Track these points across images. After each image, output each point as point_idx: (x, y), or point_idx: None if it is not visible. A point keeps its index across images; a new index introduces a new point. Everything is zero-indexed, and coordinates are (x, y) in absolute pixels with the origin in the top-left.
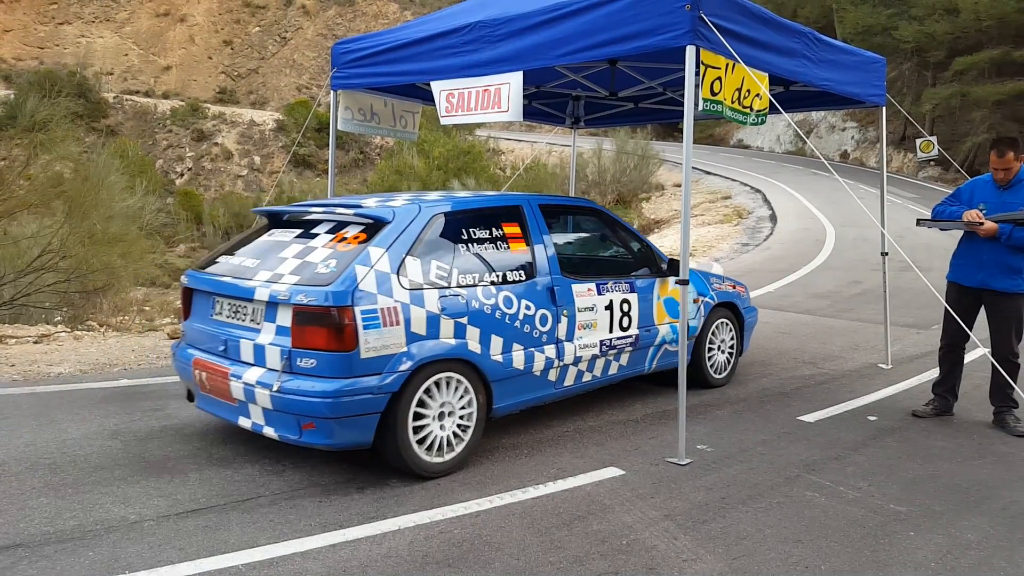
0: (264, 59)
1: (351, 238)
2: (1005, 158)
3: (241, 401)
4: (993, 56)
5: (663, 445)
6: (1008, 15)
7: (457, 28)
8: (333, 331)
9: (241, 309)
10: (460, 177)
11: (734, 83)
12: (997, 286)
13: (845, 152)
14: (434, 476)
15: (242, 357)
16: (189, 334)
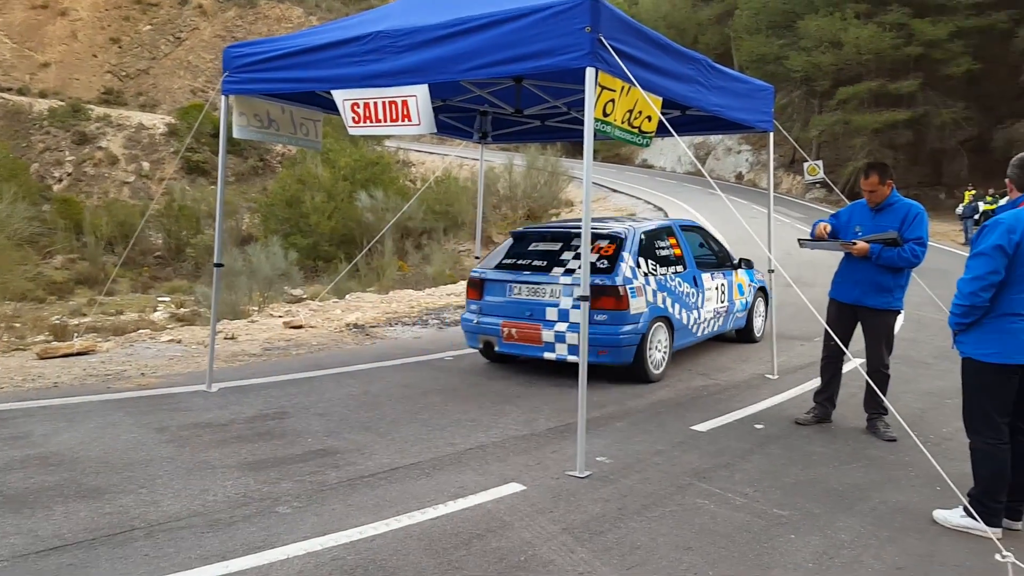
0: (156, 59)
1: (607, 248)
2: (869, 180)
3: (548, 343)
4: (872, 87)
5: (565, 459)
6: (884, 50)
7: (358, 37)
8: (616, 299)
9: (540, 290)
10: (368, 189)
11: (626, 105)
12: (870, 303)
13: (740, 174)
14: (654, 382)
15: (547, 317)
16: (486, 308)
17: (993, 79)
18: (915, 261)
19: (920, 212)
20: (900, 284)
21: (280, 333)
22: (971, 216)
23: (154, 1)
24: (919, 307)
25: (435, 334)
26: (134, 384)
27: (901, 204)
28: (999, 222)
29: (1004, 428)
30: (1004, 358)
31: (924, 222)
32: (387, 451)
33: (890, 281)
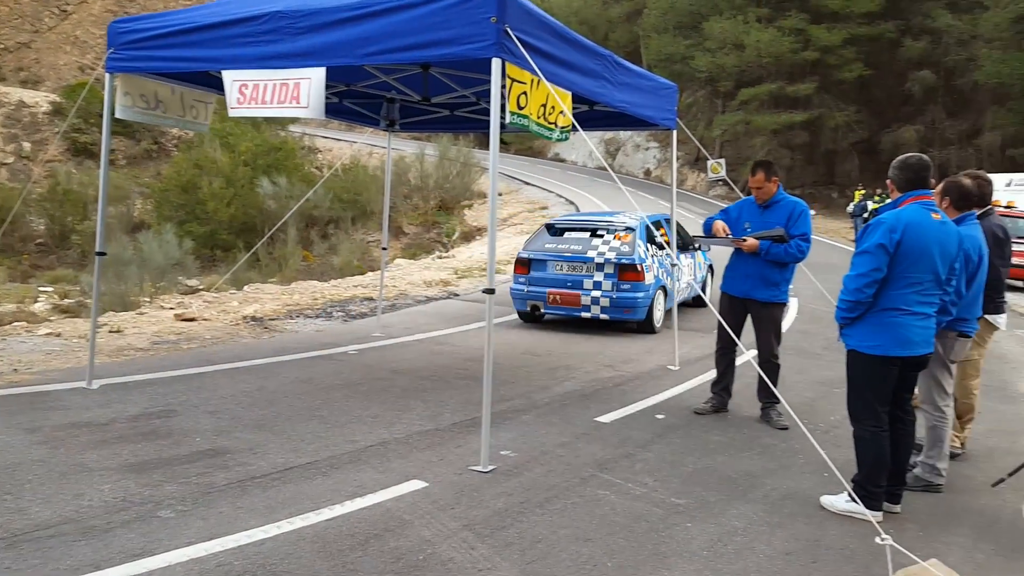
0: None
1: (624, 235)
2: (756, 177)
3: (585, 305)
4: (771, 89)
5: (469, 453)
6: (784, 54)
7: (255, 16)
8: (636, 273)
9: (578, 267)
10: (270, 175)
11: (539, 99)
12: (758, 296)
13: (648, 170)
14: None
15: (584, 287)
16: (532, 281)
17: (881, 85)
18: (800, 256)
19: (804, 209)
20: (786, 278)
21: (171, 326)
22: (861, 214)
23: None
24: (812, 300)
25: (339, 327)
26: (5, 381)
27: (787, 201)
28: (881, 222)
29: (884, 416)
30: (886, 350)
31: (808, 219)
32: (281, 450)
33: (777, 275)
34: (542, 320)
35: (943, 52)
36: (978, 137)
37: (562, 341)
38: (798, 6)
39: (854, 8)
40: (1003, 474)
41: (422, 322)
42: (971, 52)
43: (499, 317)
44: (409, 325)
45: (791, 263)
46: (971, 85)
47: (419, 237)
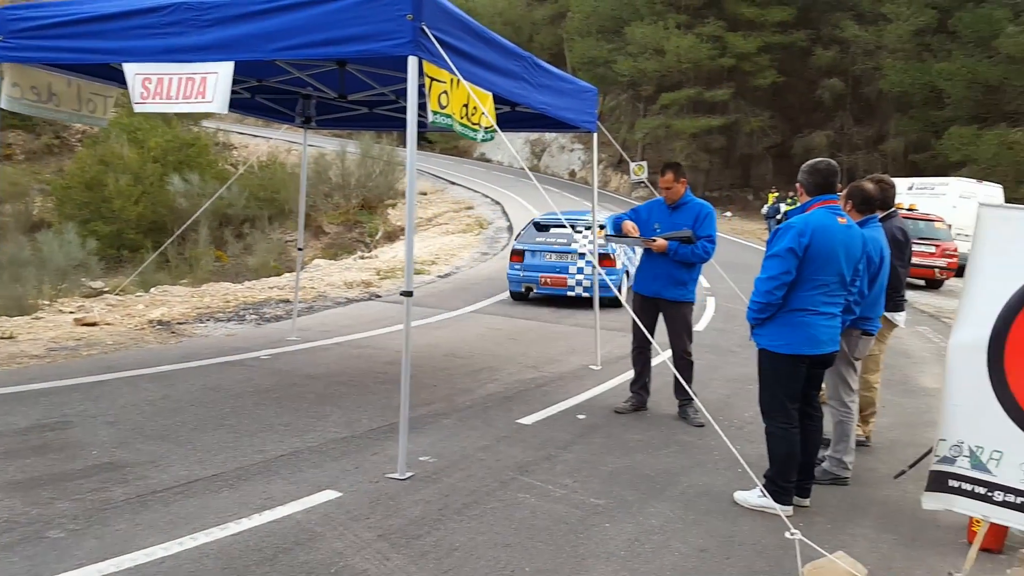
0: None
1: (600, 231)
2: (665, 178)
3: (571, 285)
4: (690, 94)
5: (386, 460)
6: (702, 60)
7: (158, 7)
8: (611, 260)
9: (564, 256)
10: (182, 172)
11: (460, 99)
12: (668, 295)
13: (573, 171)
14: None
15: (569, 272)
16: (527, 267)
17: (794, 92)
18: (706, 257)
19: (711, 211)
20: (693, 278)
21: (70, 331)
22: (774, 216)
23: None
24: (728, 299)
25: (251, 331)
26: None
27: (694, 203)
28: (790, 226)
29: (794, 413)
30: (795, 349)
31: (714, 221)
32: (185, 462)
33: (684, 275)
34: (529, 299)
35: (851, 61)
36: (883, 143)
37: (485, 343)
38: (715, 14)
39: (768, 17)
40: (904, 466)
41: (341, 324)
42: (876, 62)
43: (422, 319)
44: (327, 328)
45: (698, 263)
46: (876, 93)
47: (340, 237)
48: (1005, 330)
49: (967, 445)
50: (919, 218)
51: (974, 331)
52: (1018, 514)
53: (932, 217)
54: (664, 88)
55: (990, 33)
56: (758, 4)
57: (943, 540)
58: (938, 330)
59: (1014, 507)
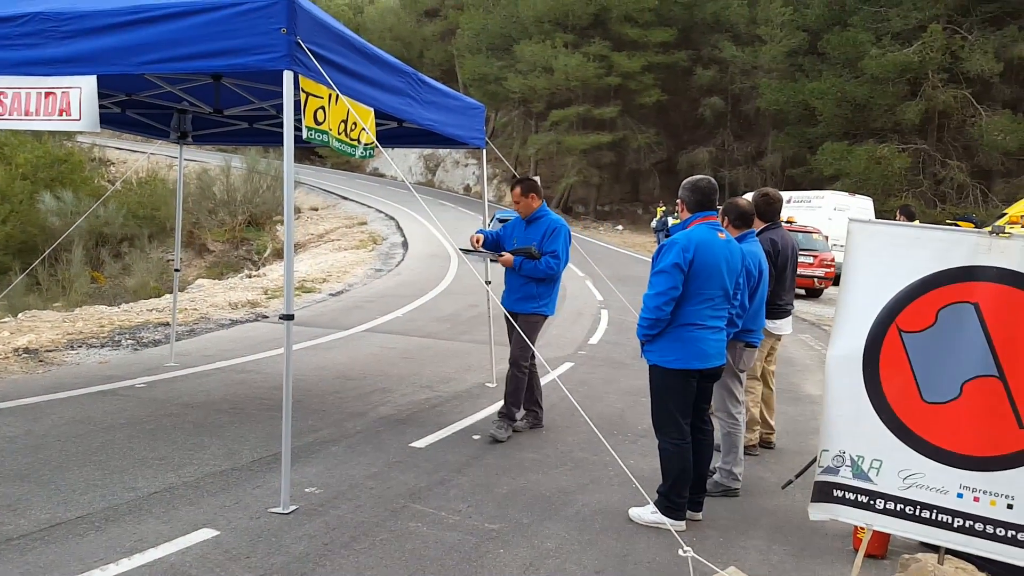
0: None
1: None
2: (514, 192)
3: None
4: (579, 111)
5: (269, 494)
6: (589, 79)
7: (11, 16)
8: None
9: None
10: (54, 189)
11: (339, 114)
12: (519, 309)
13: (468, 186)
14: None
15: None
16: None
17: (678, 110)
18: (550, 272)
19: (559, 227)
20: (545, 292)
21: None
22: (663, 230)
23: None
24: (622, 312)
25: (127, 357)
26: None
27: (545, 219)
28: (674, 242)
29: (686, 428)
30: (684, 363)
31: (561, 237)
32: (47, 504)
33: (534, 289)
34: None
35: (730, 80)
36: (762, 158)
37: (379, 363)
38: (601, 34)
39: (651, 38)
40: (791, 475)
41: (224, 348)
42: (753, 81)
43: (311, 340)
44: (209, 352)
45: (544, 278)
46: (755, 111)
47: (226, 255)
48: (878, 341)
49: (849, 455)
50: (798, 230)
51: (849, 342)
52: (899, 521)
53: (810, 229)
54: (554, 105)
55: (855, 55)
56: (641, 25)
57: (831, 548)
58: (819, 338)
59: (895, 514)
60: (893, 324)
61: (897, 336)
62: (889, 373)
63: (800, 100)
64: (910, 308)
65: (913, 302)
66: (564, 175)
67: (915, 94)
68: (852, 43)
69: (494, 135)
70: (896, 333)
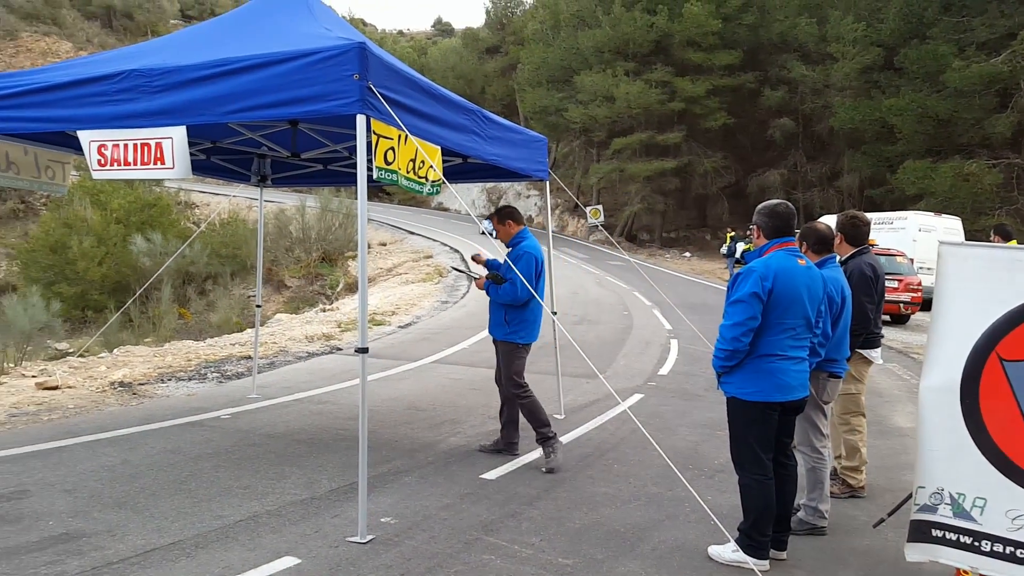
0: None
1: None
2: (492, 220)
3: None
4: (642, 139)
5: (346, 523)
6: (652, 105)
7: (109, 75)
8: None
9: None
10: (145, 231)
11: (408, 154)
12: (495, 334)
13: (530, 217)
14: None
15: None
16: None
17: (745, 132)
18: (507, 299)
19: (521, 253)
20: (520, 319)
21: (31, 396)
22: (733, 255)
23: None
24: (692, 342)
25: (212, 390)
26: None
27: (518, 246)
28: (752, 270)
29: (768, 463)
30: (765, 396)
31: (520, 263)
32: (143, 530)
33: (504, 315)
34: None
35: (800, 100)
36: (838, 179)
37: (448, 394)
38: (663, 60)
39: (715, 61)
40: (884, 513)
41: (301, 380)
42: (825, 100)
43: (382, 371)
44: (288, 384)
45: (510, 304)
46: (828, 131)
47: (302, 290)
48: (977, 372)
49: (948, 492)
50: (881, 253)
51: (944, 373)
52: (1011, 565)
53: (893, 252)
54: (616, 133)
55: (936, 68)
56: (704, 49)
57: None
58: (907, 366)
59: (1005, 558)
60: (993, 353)
61: (998, 365)
62: (991, 405)
63: (877, 118)
64: (1012, 335)
65: (1015, 329)
66: (627, 203)
67: (1005, 106)
68: (932, 56)
69: (555, 165)
70: (997, 362)
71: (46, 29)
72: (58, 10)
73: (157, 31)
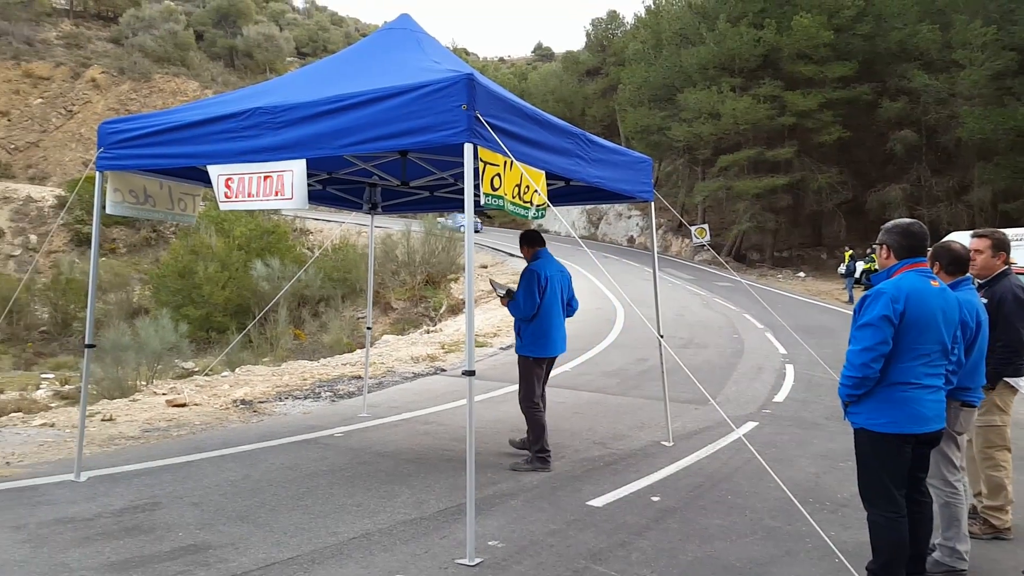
0: (46, 132)
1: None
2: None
3: None
4: (751, 155)
5: (454, 545)
6: (760, 120)
7: (236, 113)
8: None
9: None
10: (264, 257)
11: (513, 179)
12: (516, 349)
13: (632, 237)
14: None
15: None
16: None
17: (862, 146)
18: (514, 313)
19: (527, 272)
20: (531, 333)
21: (162, 412)
22: (852, 275)
23: (45, 75)
24: (808, 367)
25: (326, 408)
26: None
27: (528, 265)
28: (881, 292)
29: (901, 499)
30: (897, 428)
31: (524, 281)
32: (263, 544)
33: (519, 330)
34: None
35: (923, 111)
36: (967, 193)
37: (550, 417)
38: (771, 74)
39: (828, 73)
40: None
41: (409, 400)
42: (951, 110)
43: (486, 393)
44: (395, 404)
45: (523, 319)
46: (955, 142)
47: (407, 312)
48: None
49: None
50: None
51: None
52: None
53: None
54: (722, 150)
55: None
56: (816, 61)
57: None
58: None
59: None
60: None
61: None
62: None
63: (1011, 126)
64: None
65: None
66: (735, 221)
67: None
68: None
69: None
70: None
71: (175, 70)
72: (186, 52)
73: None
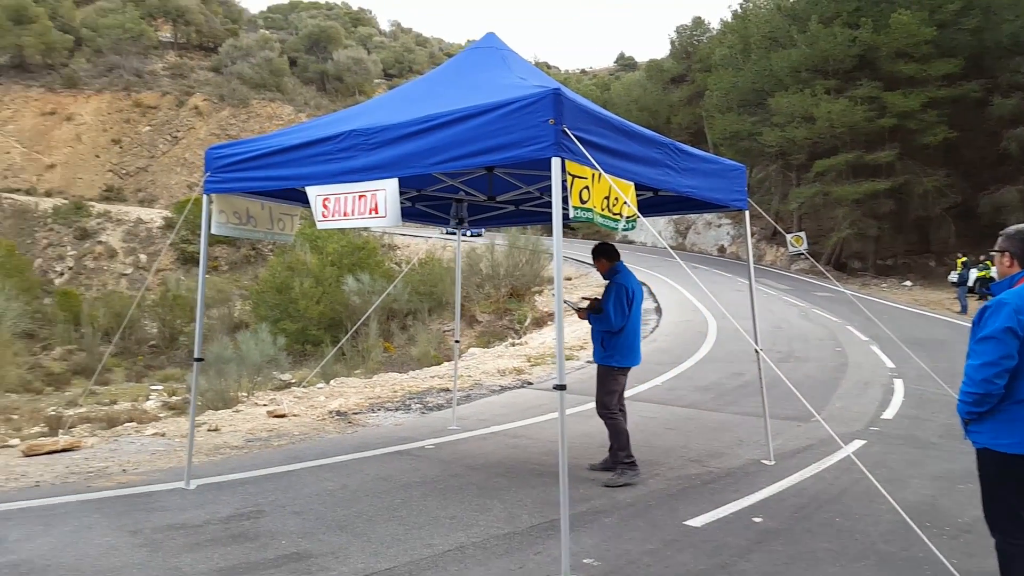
0: (154, 157)
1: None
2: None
3: None
4: (848, 159)
5: (549, 561)
6: (858, 123)
7: (332, 136)
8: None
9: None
10: (355, 272)
11: (602, 191)
12: (596, 358)
13: (722, 247)
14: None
15: None
16: None
17: (972, 146)
18: (604, 326)
19: (610, 285)
20: (613, 345)
21: (263, 423)
22: (965, 284)
23: (153, 104)
24: (919, 382)
25: (417, 420)
26: (115, 482)
27: (613, 279)
28: (1003, 303)
29: None
30: None
31: (613, 294)
32: (362, 554)
33: (601, 341)
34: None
35: None
36: None
37: (642, 433)
38: (869, 75)
39: (931, 72)
40: None
41: (496, 413)
42: None
43: (574, 407)
44: (484, 417)
45: (607, 331)
46: None
47: (492, 325)
48: None
49: None
50: None
51: None
52: None
53: None
54: (817, 155)
55: None
56: (917, 60)
57: None
58: None
59: None
60: None
61: None
62: None
63: None
64: None
65: None
66: (834, 228)
67: None
68: None
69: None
70: None
71: (271, 95)
72: (281, 78)
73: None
